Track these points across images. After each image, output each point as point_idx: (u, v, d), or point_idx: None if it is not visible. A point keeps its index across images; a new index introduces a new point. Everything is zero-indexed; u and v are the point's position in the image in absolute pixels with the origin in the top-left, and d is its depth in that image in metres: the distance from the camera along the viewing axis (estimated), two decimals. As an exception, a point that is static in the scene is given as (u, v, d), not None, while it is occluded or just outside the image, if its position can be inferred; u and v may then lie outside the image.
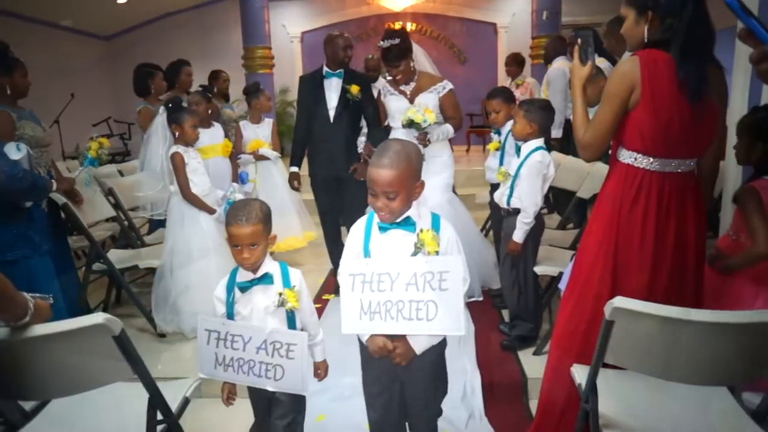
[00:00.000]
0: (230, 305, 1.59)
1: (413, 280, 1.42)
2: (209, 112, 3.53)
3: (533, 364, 2.50)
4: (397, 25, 8.77)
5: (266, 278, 1.58)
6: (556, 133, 4.49)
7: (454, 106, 3.15)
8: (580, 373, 1.56)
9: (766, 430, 1.33)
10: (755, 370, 1.20)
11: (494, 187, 3.07)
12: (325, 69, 3.27)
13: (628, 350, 1.30)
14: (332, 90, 3.23)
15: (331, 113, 3.24)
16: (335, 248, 3.53)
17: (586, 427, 1.47)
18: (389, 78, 3.29)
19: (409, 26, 9.00)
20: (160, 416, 1.45)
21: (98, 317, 1.19)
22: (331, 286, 3.64)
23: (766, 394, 1.24)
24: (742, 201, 1.90)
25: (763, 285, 1.87)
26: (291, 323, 1.59)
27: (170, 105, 2.73)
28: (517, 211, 2.53)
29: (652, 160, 1.66)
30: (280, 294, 1.55)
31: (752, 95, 2.23)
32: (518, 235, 2.50)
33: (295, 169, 3.40)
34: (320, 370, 1.73)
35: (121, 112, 8.88)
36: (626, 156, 1.71)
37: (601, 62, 3.32)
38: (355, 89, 3.19)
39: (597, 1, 8.70)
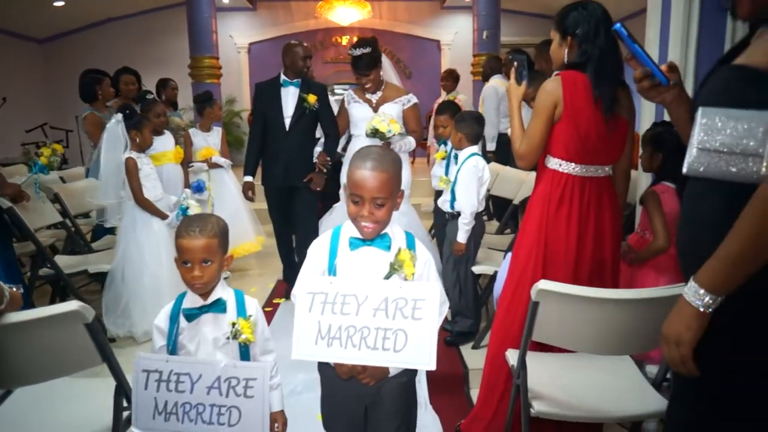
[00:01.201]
0: (174, 337, 1.39)
1: (383, 305, 1.26)
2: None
3: (473, 357, 2.70)
4: (349, 35, 8.99)
5: (218, 305, 1.39)
6: (491, 146, 4.83)
7: (416, 119, 3.25)
8: (513, 356, 1.75)
9: (662, 395, 1.58)
10: (651, 341, 1.43)
11: (439, 194, 3.28)
12: (283, 77, 3.26)
13: (551, 327, 1.51)
14: (289, 98, 3.23)
15: (287, 122, 3.23)
16: (288, 258, 3.57)
17: (519, 401, 1.67)
18: (355, 86, 3.35)
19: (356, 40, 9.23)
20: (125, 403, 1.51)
21: (73, 304, 1.27)
22: (281, 291, 3.73)
23: (661, 365, 1.46)
24: (645, 203, 2.19)
25: (662, 273, 2.16)
26: (244, 358, 1.41)
27: (128, 111, 2.77)
28: (459, 215, 2.75)
29: (574, 166, 1.90)
30: (234, 324, 1.37)
31: (658, 111, 2.55)
32: (461, 236, 2.71)
33: (249, 178, 3.39)
34: (278, 423, 1.46)
35: (57, 118, 8.59)
36: (553, 163, 1.94)
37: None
38: (312, 98, 3.19)
39: (532, 23, 9.30)
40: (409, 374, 1.46)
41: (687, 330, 1.01)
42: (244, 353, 1.41)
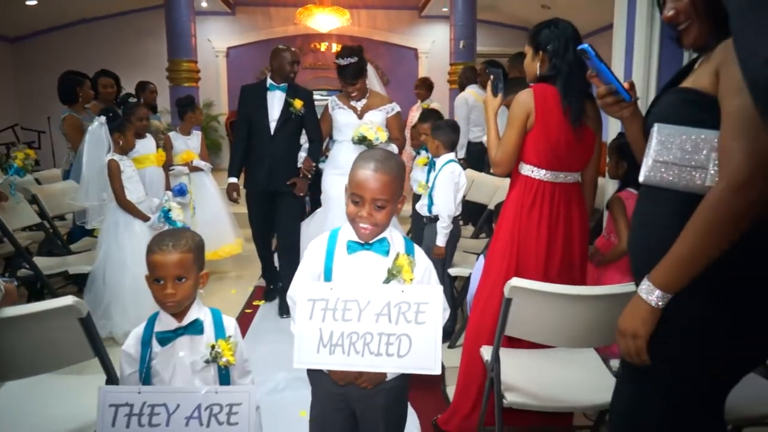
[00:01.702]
0: (146, 364, 1.27)
1: (386, 310, 1.25)
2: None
3: (449, 356, 2.79)
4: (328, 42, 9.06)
5: (195, 326, 1.30)
6: (460, 153, 4.99)
7: (399, 127, 3.32)
8: (487, 352, 1.85)
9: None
10: (612, 334, 1.55)
11: (417, 198, 3.39)
12: (270, 81, 3.26)
13: (523, 323, 1.62)
14: (275, 102, 3.23)
15: (272, 125, 3.23)
16: (267, 263, 3.59)
17: (494, 393, 1.77)
18: (338, 92, 3.37)
19: (335, 47, 9.33)
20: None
21: (68, 299, 1.32)
22: (260, 293, 3.78)
23: (622, 358, 1.58)
24: (611, 208, 2.34)
25: (626, 273, 2.30)
26: (224, 382, 1.33)
27: (111, 114, 2.79)
28: (437, 219, 2.85)
29: (545, 172, 2.02)
30: (213, 346, 1.29)
31: (624, 123, 2.72)
32: (440, 240, 2.82)
33: (233, 179, 3.41)
34: None
35: (29, 119, 8.43)
36: (525, 169, 2.06)
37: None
38: (298, 104, 3.21)
39: (507, 34, 9.53)
40: (403, 379, 1.42)
41: (642, 324, 1.12)
42: (224, 377, 1.32)
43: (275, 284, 3.68)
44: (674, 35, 1.22)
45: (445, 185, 2.81)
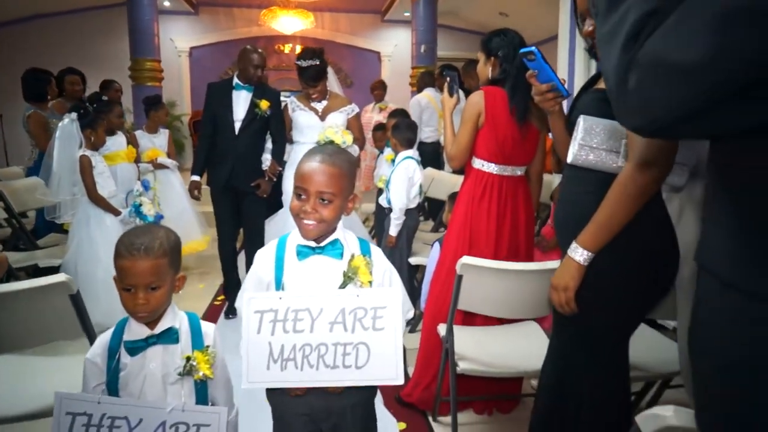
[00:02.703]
0: (113, 375, 1.16)
1: (340, 317, 1.16)
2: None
3: (410, 339, 2.96)
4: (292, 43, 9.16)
5: (169, 335, 1.19)
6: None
7: (359, 128, 3.35)
8: (443, 328, 2.06)
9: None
10: (545, 306, 1.79)
11: (381, 192, 3.58)
12: (236, 80, 3.24)
13: (473, 297, 1.83)
14: (240, 102, 3.22)
15: (237, 125, 3.21)
16: (231, 264, 3.53)
17: (448, 362, 1.97)
18: (300, 93, 3.35)
19: (298, 49, 9.43)
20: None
21: (61, 276, 1.43)
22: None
23: (553, 324, 1.82)
24: (554, 199, 2.58)
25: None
26: (201, 398, 1.21)
27: (82, 111, 2.86)
28: (393, 211, 3.07)
29: (494, 166, 2.23)
30: (188, 358, 1.17)
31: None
32: (392, 230, 3.04)
33: (196, 177, 3.39)
34: None
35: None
36: (477, 163, 2.27)
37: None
38: (264, 104, 3.20)
39: (466, 39, 9.86)
40: (369, 390, 1.33)
41: (571, 279, 1.39)
42: (201, 393, 1.20)
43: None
44: (588, 48, 1.46)
45: (399, 180, 3.03)
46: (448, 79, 2.34)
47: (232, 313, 3.39)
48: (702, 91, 0.50)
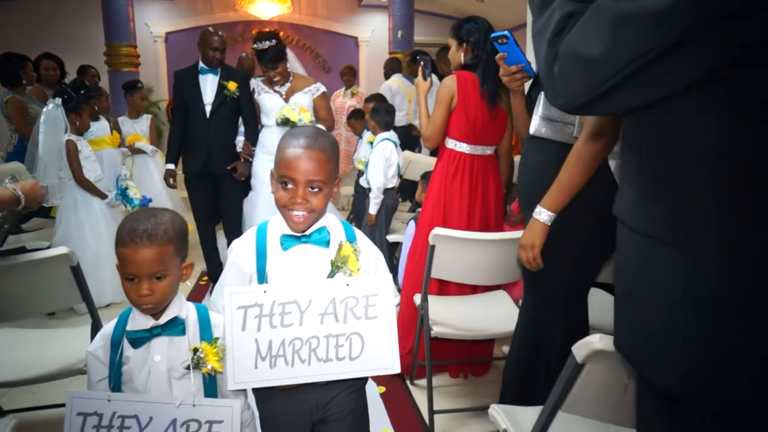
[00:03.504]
0: (116, 369, 1.11)
1: (331, 308, 1.12)
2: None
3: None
4: (269, 29, 9.14)
5: (174, 326, 1.13)
6: None
7: (326, 108, 3.31)
8: (419, 297, 2.21)
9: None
10: (515, 273, 1.96)
11: (361, 173, 3.71)
12: (201, 64, 3.23)
13: (446, 265, 1.99)
14: (207, 86, 3.20)
15: (207, 109, 3.20)
16: (211, 250, 3.53)
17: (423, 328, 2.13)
18: (264, 77, 3.32)
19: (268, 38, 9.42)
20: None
21: (63, 249, 1.54)
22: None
23: (525, 287, 1.99)
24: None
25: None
26: (210, 393, 1.14)
27: (66, 96, 2.92)
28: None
29: (465, 146, 2.39)
30: (195, 350, 1.11)
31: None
32: (372, 209, 3.21)
33: (171, 166, 3.37)
34: None
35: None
36: (449, 143, 2.42)
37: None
38: (232, 86, 3.18)
39: (443, 24, 9.95)
40: (360, 382, 1.28)
41: (537, 237, 1.58)
42: (210, 387, 1.13)
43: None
44: None
45: (376, 161, 3.18)
46: (422, 63, 2.47)
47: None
48: (601, 79, 0.65)
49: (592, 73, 0.65)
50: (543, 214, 1.57)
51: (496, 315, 2.20)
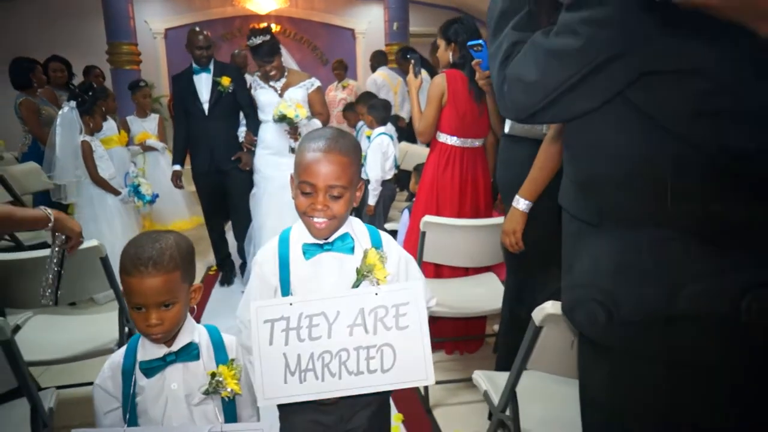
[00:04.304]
0: (131, 399, 1.07)
1: (360, 319, 1.09)
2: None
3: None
4: (262, 25, 9.27)
5: (189, 352, 1.10)
6: None
7: (321, 102, 3.34)
8: (416, 280, 2.41)
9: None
10: (496, 254, 2.16)
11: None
12: (194, 65, 3.32)
13: (438, 250, 2.18)
14: (203, 84, 3.30)
15: (206, 107, 3.29)
16: (221, 244, 3.68)
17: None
18: (259, 73, 3.34)
19: (274, 28, 9.55)
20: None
21: (94, 241, 1.73)
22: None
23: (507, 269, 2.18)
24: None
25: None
26: (229, 418, 1.12)
27: (80, 99, 3.10)
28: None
29: (456, 139, 2.57)
30: (214, 375, 1.08)
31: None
32: (371, 200, 3.40)
33: (177, 167, 3.46)
34: None
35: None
36: (441, 137, 2.60)
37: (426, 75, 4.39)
38: (226, 81, 3.26)
39: (439, 14, 10.06)
40: (384, 396, 1.24)
41: (517, 223, 1.79)
42: (229, 411, 1.11)
43: (231, 269, 3.81)
44: None
45: (374, 154, 3.38)
46: (412, 62, 2.65)
47: (227, 282, 3.70)
48: (539, 98, 0.84)
49: (531, 94, 0.84)
50: (521, 203, 1.78)
51: (486, 294, 2.39)
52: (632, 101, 0.78)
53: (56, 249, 1.46)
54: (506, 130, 1.83)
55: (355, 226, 1.22)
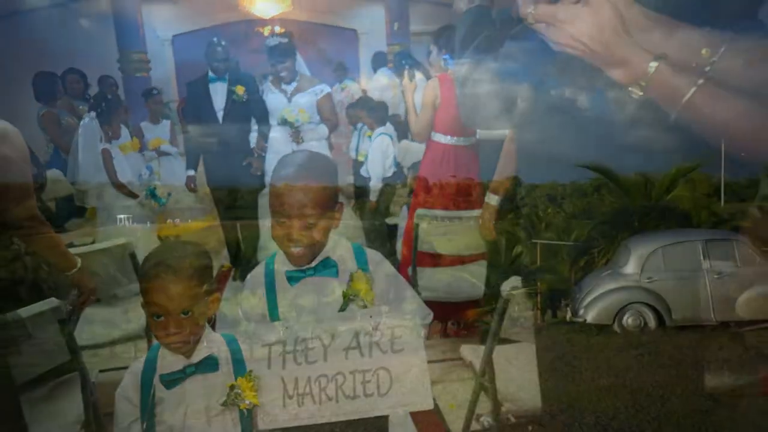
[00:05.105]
0: (149, 410, 1.08)
1: (354, 342, 1.08)
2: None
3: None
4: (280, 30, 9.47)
5: (209, 363, 1.11)
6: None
7: (330, 109, 3.47)
8: (410, 269, 2.60)
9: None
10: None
11: (361, 164, 4.09)
12: (210, 74, 3.45)
13: (430, 239, 2.39)
14: (217, 93, 3.42)
15: (220, 114, 3.42)
16: (233, 242, 3.83)
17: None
18: (271, 76, 3.47)
19: (278, 30, 9.72)
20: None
21: (122, 239, 1.95)
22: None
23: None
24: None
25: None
26: (246, 429, 1.11)
27: (99, 110, 3.33)
28: (372, 181, 3.62)
29: (449, 137, 2.77)
30: (233, 387, 1.08)
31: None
32: (374, 196, 3.59)
33: (191, 172, 3.63)
34: None
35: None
36: (436, 137, 2.81)
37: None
38: (240, 89, 3.37)
39: (441, 11, 10.18)
40: (382, 422, 1.17)
41: (490, 216, 2.03)
42: (246, 423, 1.10)
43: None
44: None
45: (375, 154, 3.61)
46: (407, 68, 2.86)
47: (240, 278, 3.90)
48: None
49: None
50: (493, 198, 2.00)
51: (480, 281, 2.59)
52: None
53: (68, 307, 1.58)
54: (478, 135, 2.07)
55: (339, 248, 1.20)
